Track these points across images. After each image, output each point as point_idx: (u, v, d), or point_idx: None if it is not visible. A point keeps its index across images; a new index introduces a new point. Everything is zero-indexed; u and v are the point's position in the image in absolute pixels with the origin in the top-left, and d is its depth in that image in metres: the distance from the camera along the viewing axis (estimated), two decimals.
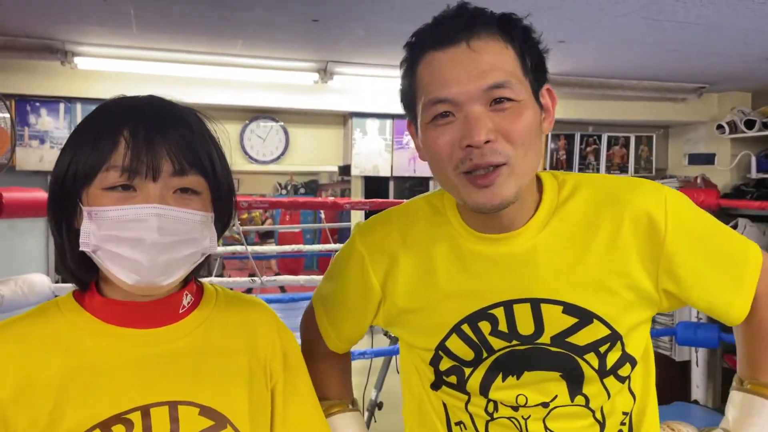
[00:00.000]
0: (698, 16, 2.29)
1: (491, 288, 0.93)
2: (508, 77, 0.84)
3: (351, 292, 1.06)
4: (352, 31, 2.55)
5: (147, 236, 0.77)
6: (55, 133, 3.10)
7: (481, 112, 0.84)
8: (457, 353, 0.96)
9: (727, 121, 3.83)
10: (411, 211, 1.04)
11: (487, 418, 0.97)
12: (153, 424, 0.80)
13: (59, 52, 2.71)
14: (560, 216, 0.93)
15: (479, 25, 0.86)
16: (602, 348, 0.92)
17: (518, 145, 0.85)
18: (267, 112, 3.52)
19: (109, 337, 0.82)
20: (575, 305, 0.91)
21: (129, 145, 0.77)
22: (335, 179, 7.82)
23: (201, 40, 2.69)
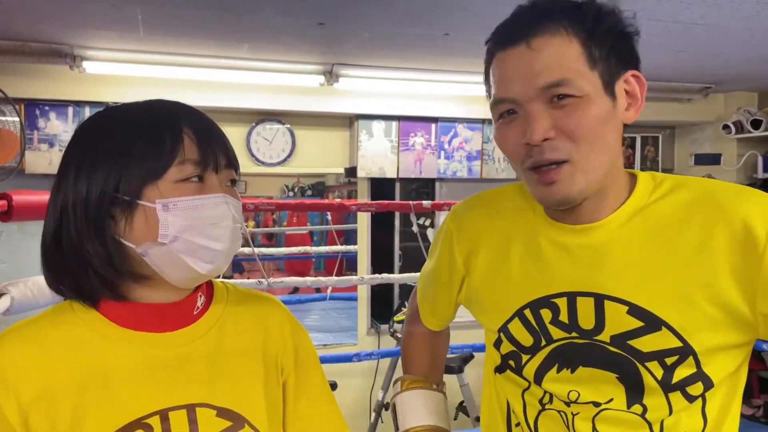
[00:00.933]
0: (702, 16, 2.29)
1: (558, 277, 0.92)
2: (566, 74, 0.82)
3: (441, 268, 1.10)
4: (357, 33, 2.56)
5: (227, 223, 0.82)
6: (64, 136, 3.13)
7: (540, 110, 0.84)
8: (517, 338, 0.97)
9: (733, 121, 3.82)
10: (502, 194, 1.06)
11: (539, 408, 0.97)
12: (172, 428, 0.81)
13: (68, 56, 2.74)
14: (645, 215, 0.89)
15: (545, 20, 0.84)
16: (669, 359, 0.86)
17: (581, 141, 0.83)
18: (273, 115, 3.54)
19: (125, 341, 0.83)
20: (643, 308, 0.86)
21: (194, 140, 0.82)
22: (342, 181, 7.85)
23: (207, 43, 2.72)
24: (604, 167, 0.87)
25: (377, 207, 3.02)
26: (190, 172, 0.81)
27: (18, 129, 2.70)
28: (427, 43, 2.69)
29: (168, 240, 0.79)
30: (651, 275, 0.86)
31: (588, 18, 0.85)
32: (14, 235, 3.13)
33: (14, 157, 2.68)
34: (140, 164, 0.79)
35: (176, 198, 0.80)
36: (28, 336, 0.82)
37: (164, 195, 0.80)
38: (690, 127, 4.26)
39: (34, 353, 0.80)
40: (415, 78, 3.26)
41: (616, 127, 0.87)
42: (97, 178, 0.80)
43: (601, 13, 0.86)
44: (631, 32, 0.89)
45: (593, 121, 0.83)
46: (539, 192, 0.88)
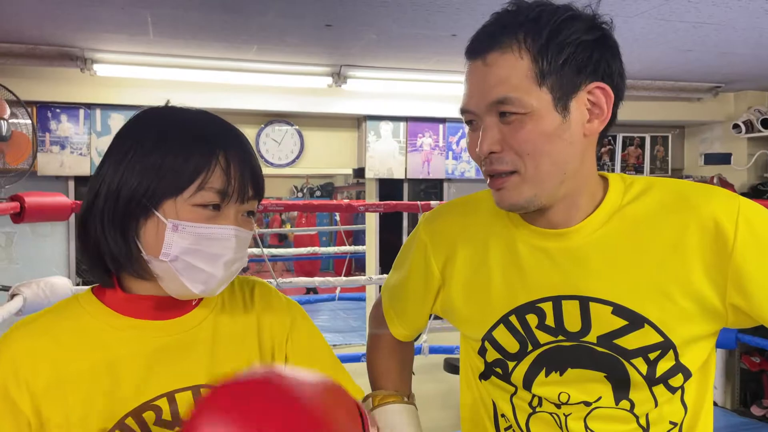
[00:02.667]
0: (710, 15, 2.29)
1: (541, 282, 0.93)
2: (510, 92, 0.85)
3: (414, 278, 1.09)
4: (364, 35, 2.57)
5: (227, 254, 0.85)
6: (75, 138, 3.16)
7: (491, 124, 0.87)
8: (503, 345, 0.98)
9: (743, 121, 3.80)
10: (474, 201, 1.07)
11: (529, 411, 0.98)
12: (180, 409, 0.85)
13: (78, 59, 2.77)
14: (621, 216, 0.91)
15: (500, 36, 0.86)
16: (652, 354, 0.90)
17: (525, 155, 0.86)
18: (282, 116, 3.56)
19: (130, 329, 0.87)
20: (626, 307, 0.89)
21: (227, 171, 0.84)
22: (350, 182, 7.85)
23: (216, 46, 2.74)
24: (556, 179, 0.88)
25: (385, 207, 3.03)
26: (209, 199, 0.84)
27: (30, 131, 2.74)
28: (434, 44, 2.70)
29: (169, 259, 0.83)
30: (631, 275, 0.89)
31: (544, 31, 0.85)
32: (27, 236, 3.17)
33: (26, 159, 2.72)
34: (168, 178, 0.83)
35: (187, 222, 0.83)
36: (37, 328, 0.86)
37: (179, 215, 0.83)
38: (699, 126, 4.24)
39: (45, 345, 0.84)
40: (422, 79, 3.27)
41: (571, 140, 0.87)
42: (132, 177, 0.83)
43: (558, 24, 0.86)
44: (593, 41, 0.87)
45: (537, 137, 0.85)
46: (493, 196, 0.92)
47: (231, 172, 0.84)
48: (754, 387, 3.90)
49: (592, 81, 0.87)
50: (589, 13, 0.90)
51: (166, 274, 0.84)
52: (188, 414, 0.65)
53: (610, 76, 0.89)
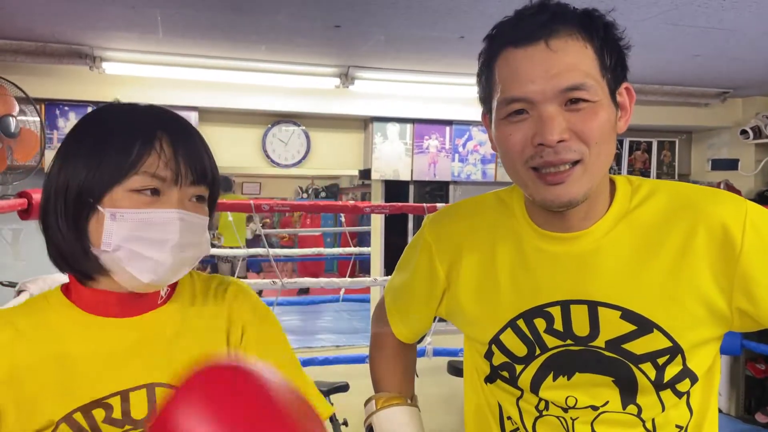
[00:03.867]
0: (720, 21, 2.28)
1: (550, 286, 0.93)
2: (585, 78, 0.83)
3: (418, 280, 1.08)
4: (373, 36, 2.57)
5: (171, 238, 0.83)
6: None
7: (556, 112, 0.84)
8: (511, 348, 0.97)
9: (751, 126, 3.79)
10: (480, 204, 1.05)
11: (536, 415, 0.98)
12: (131, 407, 0.85)
13: (88, 57, 2.78)
14: (629, 221, 0.91)
15: (560, 23, 0.84)
16: (660, 359, 0.89)
17: (592, 144, 0.84)
18: (289, 117, 3.56)
19: (91, 326, 0.87)
20: (635, 312, 0.88)
21: (163, 154, 0.83)
22: (355, 183, 7.85)
23: (225, 45, 2.74)
24: (605, 171, 0.90)
25: (391, 209, 3.03)
26: (146, 183, 0.82)
27: (38, 128, 2.74)
28: (442, 46, 2.70)
29: (111, 249, 0.82)
30: (640, 280, 0.89)
31: (599, 27, 0.86)
32: (33, 233, 3.17)
33: (34, 156, 2.72)
34: (105, 169, 0.82)
35: (125, 209, 0.82)
36: (4, 320, 0.87)
37: (116, 203, 0.82)
38: (707, 131, 4.23)
39: (9, 336, 0.85)
40: (429, 81, 3.27)
41: (614, 134, 0.89)
42: (75, 174, 0.83)
43: (608, 24, 0.88)
44: (625, 45, 0.91)
45: (604, 126, 0.85)
46: (543, 192, 0.87)
47: (169, 157, 0.83)
48: (759, 394, 3.88)
49: (623, 81, 0.90)
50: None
51: (113, 265, 0.84)
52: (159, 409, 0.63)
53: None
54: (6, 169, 2.59)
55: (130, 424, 0.84)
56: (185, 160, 0.84)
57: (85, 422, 0.83)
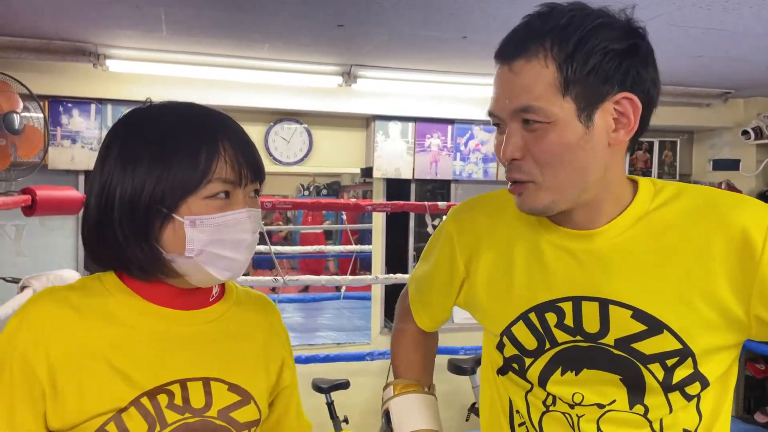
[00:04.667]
0: (721, 22, 2.29)
1: (563, 281, 0.94)
2: (534, 101, 0.85)
3: (439, 270, 1.11)
4: (376, 36, 2.58)
5: (246, 237, 0.89)
6: (86, 133, 3.18)
7: (515, 131, 0.88)
8: (521, 341, 0.98)
9: (752, 127, 3.79)
10: (501, 198, 1.06)
11: (543, 410, 0.98)
12: (191, 396, 0.88)
13: (91, 54, 2.79)
14: (649, 221, 0.91)
15: (527, 43, 0.86)
16: (670, 361, 0.89)
17: (543, 165, 0.86)
18: (291, 115, 3.57)
19: (151, 313, 0.89)
20: (646, 312, 0.89)
21: (227, 158, 0.87)
22: (357, 181, 7.85)
23: (229, 43, 2.75)
24: (576, 187, 0.89)
25: (393, 207, 3.04)
26: (219, 189, 0.87)
27: (42, 125, 2.75)
28: (444, 45, 2.70)
29: (194, 254, 0.86)
30: (654, 281, 0.89)
31: (572, 39, 0.84)
32: (36, 229, 3.19)
33: (38, 153, 2.73)
34: (178, 179, 0.85)
35: (203, 216, 0.86)
36: (62, 298, 0.87)
37: (192, 210, 0.85)
38: (708, 132, 4.23)
39: (66, 315, 0.85)
40: (432, 80, 3.28)
41: (593, 150, 0.87)
42: (145, 185, 0.84)
43: (587, 32, 0.84)
44: (623, 49, 0.85)
45: (559, 147, 0.85)
46: (515, 200, 0.93)
47: (233, 160, 0.87)
48: (759, 394, 3.89)
49: (619, 91, 0.86)
50: (623, 18, 0.88)
51: (193, 268, 0.87)
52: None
53: (641, 85, 0.88)
54: (10, 165, 2.60)
55: (190, 412, 0.88)
56: (245, 161, 0.89)
57: (151, 407, 0.85)
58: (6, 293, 2.52)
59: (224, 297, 0.99)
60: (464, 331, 3.80)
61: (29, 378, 0.82)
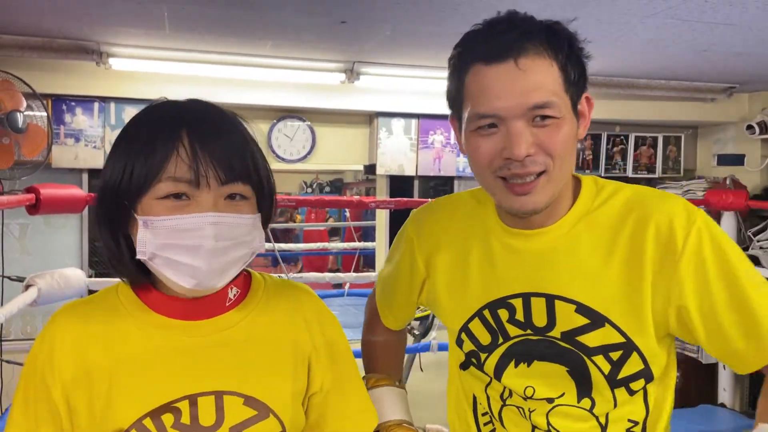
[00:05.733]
0: (726, 16, 2.27)
1: (513, 279, 1.00)
2: (552, 96, 0.89)
3: (401, 272, 1.16)
4: (378, 32, 2.58)
5: (204, 243, 0.79)
6: (90, 131, 3.19)
7: (523, 128, 0.89)
8: (477, 336, 1.04)
9: (757, 122, 3.77)
10: (457, 202, 1.13)
11: (501, 403, 1.05)
12: (200, 413, 0.83)
13: (94, 53, 2.78)
14: (589, 220, 0.97)
15: (528, 41, 0.88)
16: (614, 354, 0.94)
17: (556, 156, 0.90)
18: (294, 112, 3.57)
19: (161, 328, 0.86)
20: (588, 307, 0.94)
21: (183, 156, 0.79)
22: (360, 178, 7.84)
23: (231, 41, 2.75)
24: (567, 178, 0.96)
25: (396, 204, 3.03)
26: (171, 189, 0.80)
27: (45, 124, 2.76)
28: (447, 41, 2.68)
29: (147, 257, 0.81)
30: (594, 277, 0.95)
31: (564, 42, 0.91)
32: (40, 227, 3.20)
33: (41, 151, 2.74)
34: (135, 176, 0.81)
35: (155, 217, 0.80)
36: (74, 316, 0.86)
37: (146, 211, 0.81)
38: (713, 127, 4.21)
39: (81, 332, 0.84)
40: (435, 76, 3.27)
41: (576, 143, 0.95)
42: (112, 178, 0.83)
43: (571, 38, 0.92)
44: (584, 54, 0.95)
45: (566, 140, 0.91)
46: (510, 201, 0.93)
47: (190, 158, 0.79)
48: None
49: (584, 92, 0.96)
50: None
51: (156, 272, 0.83)
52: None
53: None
54: (13, 164, 2.61)
55: (198, 430, 0.83)
56: (210, 160, 0.80)
57: (154, 428, 0.81)
58: (11, 292, 2.53)
59: (246, 299, 0.92)
60: None
61: (48, 399, 0.82)
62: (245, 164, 0.84)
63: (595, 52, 3.30)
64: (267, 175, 0.90)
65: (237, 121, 0.88)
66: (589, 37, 2.24)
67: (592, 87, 3.46)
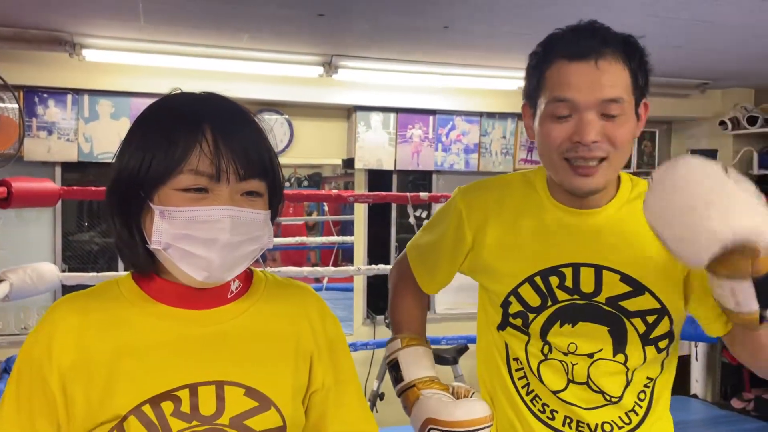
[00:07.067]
0: (701, 13, 2.31)
1: (564, 251, 1.14)
2: (621, 94, 1.04)
3: (447, 240, 1.27)
4: (357, 25, 2.57)
5: (220, 236, 0.81)
6: (63, 124, 3.13)
7: (594, 118, 1.04)
8: (527, 299, 1.17)
9: (729, 118, 3.84)
10: (507, 181, 1.27)
11: (541, 358, 1.18)
12: (200, 402, 0.83)
13: (67, 44, 2.73)
14: (630, 206, 1.14)
15: (607, 47, 1.04)
16: (650, 318, 1.11)
17: (618, 147, 1.06)
18: (272, 105, 3.55)
19: (162, 316, 0.86)
20: (631, 277, 1.11)
21: (205, 150, 0.81)
22: (338, 172, 7.84)
23: (208, 33, 2.72)
24: (621, 168, 1.11)
25: (375, 198, 3.04)
26: (191, 182, 0.81)
27: (17, 116, 2.70)
28: (426, 35, 2.70)
29: (161, 246, 0.82)
30: (637, 251, 1.11)
31: (636, 55, 1.07)
32: (12, 221, 3.14)
33: (13, 144, 2.68)
34: (153, 167, 0.81)
35: (173, 207, 0.81)
36: (74, 306, 0.86)
37: (163, 201, 0.81)
38: (687, 122, 4.28)
39: (80, 322, 0.84)
40: (413, 70, 3.27)
41: (633, 139, 1.10)
42: (127, 167, 0.83)
43: (643, 52, 1.09)
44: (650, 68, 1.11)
45: (628, 134, 1.07)
46: (572, 180, 1.08)
47: (212, 152, 0.81)
48: (735, 380, 3.97)
49: (644, 97, 1.10)
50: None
51: (167, 262, 0.83)
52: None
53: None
54: None
55: (198, 419, 0.82)
56: (231, 155, 0.81)
57: (153, 415, 0.81)
58: None
59: (249, 291, 0.93)
60: (446, 321, 3.83)
61: (45, 389, 0.82)
62: (262, 161, 0.86)
63: None
64: (279, 171, 0.90)
65: (252, 116, 0.90)
66: None
67: None
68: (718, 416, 3.52)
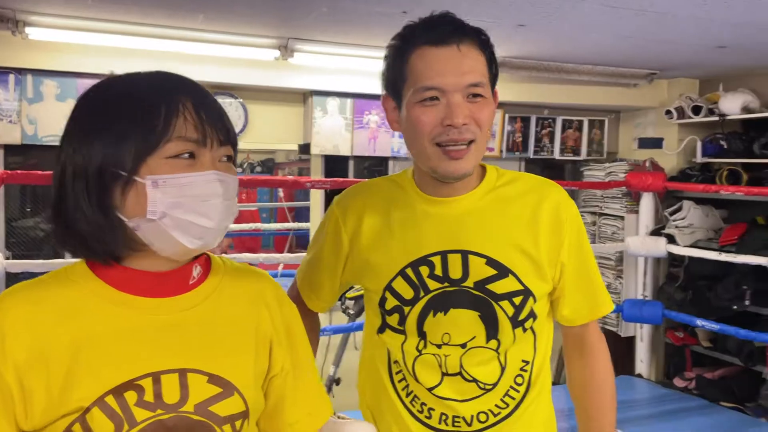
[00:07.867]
0: (652, 3, 2.37)
1: (432, 240, 1.18)
2: (482, 78, 1.11)
3: (327, 250, 1.29)
4: (314, 8, 2.54)
5: (215, 200, 0.83)
6: (5, 105, 3.00)
7: (461, 101, 1.09)
8: (401, 293, 1.20)
9: (675, 107, 3.97)
10: (376, 183, 1.32)
11: (416, 355, 1.20)
12: (163, 390, 0.83)
13: (10, 21, 2.61)
14: (494, 194, 1.21)
15: (465, 34, 1.11)
16: (516, 299, 1.17)
17: (482, 129, 1.12)
18: (226, 88, 3.47)
19: (122, 305, 0.84)
20: (495, 260, 1.17)
21: (188, 117, 0.82)
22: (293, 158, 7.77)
23: (160, 13, 2.64)
24: (484, 151, 1.17)
25: (332, 184, 3.03)
26: (181, 149, 0.82)
27: None
28: (385, 20, 2.68)
29: (157, 216, 0.81)
30: (500, 236, 1.18)
31: (489, 45, 1.15)
32: None
33: None
34: (134, 139, 0.80)
35: (166, 175, 0.81)
36: (26, 297, 0.83)
37: (154, 171, 0.81)
38: (634, 111, 4.40)
39: (30, 314, 0.81)
40: (371, 56, 3.26)
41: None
42: (95, 150, 0.81)
43: (493, 45, 1.16)
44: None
45: (491, 115, 1.14)
46: (445, 165, 1.12)
47: (194, 118, 0.82)
48: (678, 360, 4.13)
49: (494, 86, 1.17)
50: None
51: (157, 234, 0.82)
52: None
53: None
54: None
55: (162, 408, 0.82)
56: (210, 122, 0.84)
57: (117, 405, 0.80)
58: None
59: (208, 278, 0.92)
60: None
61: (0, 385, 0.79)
62: (232, 129, 0.89)
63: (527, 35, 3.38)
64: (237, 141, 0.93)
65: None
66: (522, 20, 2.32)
67: (523, 70, 3.55)
68: (662, 395, 3.67)
